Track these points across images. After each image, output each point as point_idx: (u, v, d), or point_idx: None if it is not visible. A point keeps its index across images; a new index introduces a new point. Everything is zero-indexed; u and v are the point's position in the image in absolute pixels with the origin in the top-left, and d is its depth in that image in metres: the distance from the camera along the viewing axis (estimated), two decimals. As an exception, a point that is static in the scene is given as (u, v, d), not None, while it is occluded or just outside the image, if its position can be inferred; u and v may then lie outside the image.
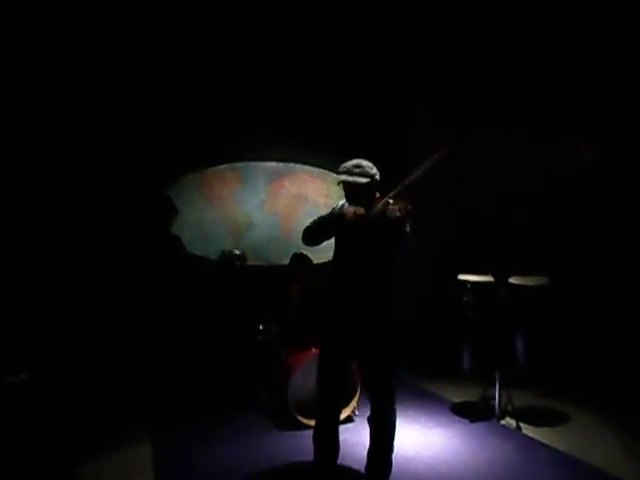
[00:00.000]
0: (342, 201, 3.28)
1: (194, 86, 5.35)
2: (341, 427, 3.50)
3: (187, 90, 5.33)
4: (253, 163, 5.74)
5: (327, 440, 3.32)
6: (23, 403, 3.96)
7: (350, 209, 3.06)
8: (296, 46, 5.43)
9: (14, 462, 3.49)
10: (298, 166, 5.91)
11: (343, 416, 4.00)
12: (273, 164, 5.82)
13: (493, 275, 4.47)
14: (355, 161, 3.16)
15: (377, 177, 3.15)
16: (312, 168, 5.94)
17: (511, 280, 4.44)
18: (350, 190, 3.15)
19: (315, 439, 3.32)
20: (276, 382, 4.33)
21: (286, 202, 5.87)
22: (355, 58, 5.57)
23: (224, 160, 5.61)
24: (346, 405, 4.10)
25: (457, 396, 4.87)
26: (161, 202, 4.86)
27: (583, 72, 5.27)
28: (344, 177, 3.13)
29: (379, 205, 3.01)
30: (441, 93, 5.88)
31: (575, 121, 5.42)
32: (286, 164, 5.86)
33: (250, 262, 5.37)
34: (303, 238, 3.31)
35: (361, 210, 3.03)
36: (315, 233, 3.28)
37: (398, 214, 2.92)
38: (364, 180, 3.11)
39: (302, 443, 3.62)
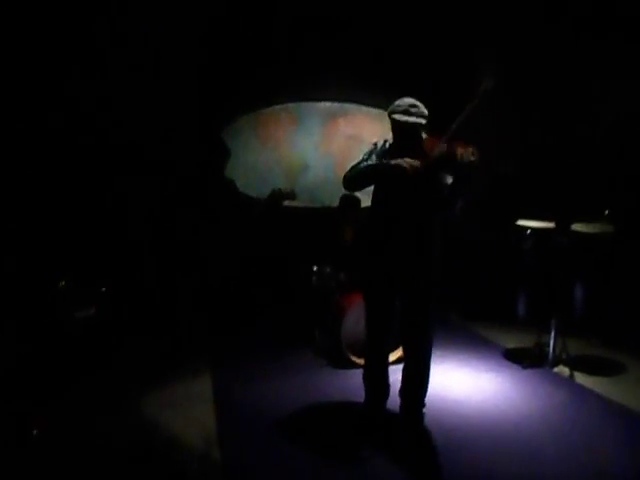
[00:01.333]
0: (381, 141, 3.17)
1: (247, 27, 5.23)
2: (395, 367, 3.57)
3: (241, 31, 5.22)
4: (307, 103, 5.65)
5: (376, 380, 3.42)
6: (91, 336, 4.23)
7: (406, 163, 2.92)
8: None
9: (80, 393, 3.75)
10: (353, 106, 5.77)
11: (396, 356, 4.07)
12: (328, 104, 5.71)
13: (555, 221, 4.31)
14: (410, 100, 3.03)
15: None
16: (368, 108, 5.78)
17: (573, 227, 4.28)
18: (405, 131, 3.03)
19: (365, 378, 3.44)
20: (330, 323, 4.43)
21: (341, 143, 5.79)
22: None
23: (278, 101, 5.55)
24: (399, 346, 4.13)
25: (511, 342, 4.84)
26: (214, 144, 4.89)
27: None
28: (405, 118, 2.99)
29: (439, 148, 2.88)
30: (505, 34, 5.51)
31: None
32: (341, 104, 5.73)
33: (304, 204, 5.39)
34: (346, 184, 3.25)
35: (417, 163, 2.91)
36: (362, 182, 3.21)
37: (472, 158, 2.81)
38: (423, 121, 2.99)
39: (354, 381, 3.72)
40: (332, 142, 5.77)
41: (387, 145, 3.17)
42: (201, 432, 3.29)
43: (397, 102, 3.05)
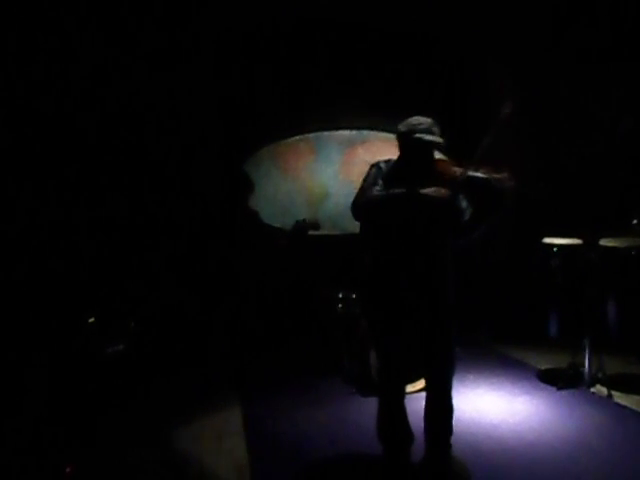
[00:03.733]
0: (382, 163, 2.99)
1: (266, 59, 5.36)
2: (418, 395, 3.48)
3: (260, 63, 5.35)
4: (325, 133, 5.72)
5: (397, 425, 3.07)
6: (121, 371, 4.27)
7: (435, 192, 2.70)
8: (368, 13, 5.28)
9: (112, 427, 3.76)
10: (371, 133, 5.81)
11: (421, 385, 3.99)
12: (346, 132, 5.76)
13: (582, 238, 4.25)
14: (428, 119, 2.81)
15: None
16: (385, 134, 5.82)
17: (602, 242, 4.21)
18: (421, 152, 2.79)
19: (381, 427, 3.10)
20: (358, 350, 4.39)
21: (361, 170, 5.74)
22: (429, 21, 5.35)
23: (297, 131, 5.64)
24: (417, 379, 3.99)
25: (544, 363, 4.73)
26: (238, 177, 4.96)
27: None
28: (429, 137, 2.75)
29: (465, 172, 2.69)
30: (518, 50, 5.54)
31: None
32: (359, 131, 5.78)
33: (327, 232, 5.41)
34: (360, 213, 2.96)
35: (445, 191, 2.70)
36: (381, 211, 2.89)
37: (507, 185, 2.67)
38: (442, 140, 2.79)
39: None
40: (352, 169, 5.80)
41: (389, 166, 2.96)
42: (233, 464, 3.27)
43: (412, 121, 2.83)
